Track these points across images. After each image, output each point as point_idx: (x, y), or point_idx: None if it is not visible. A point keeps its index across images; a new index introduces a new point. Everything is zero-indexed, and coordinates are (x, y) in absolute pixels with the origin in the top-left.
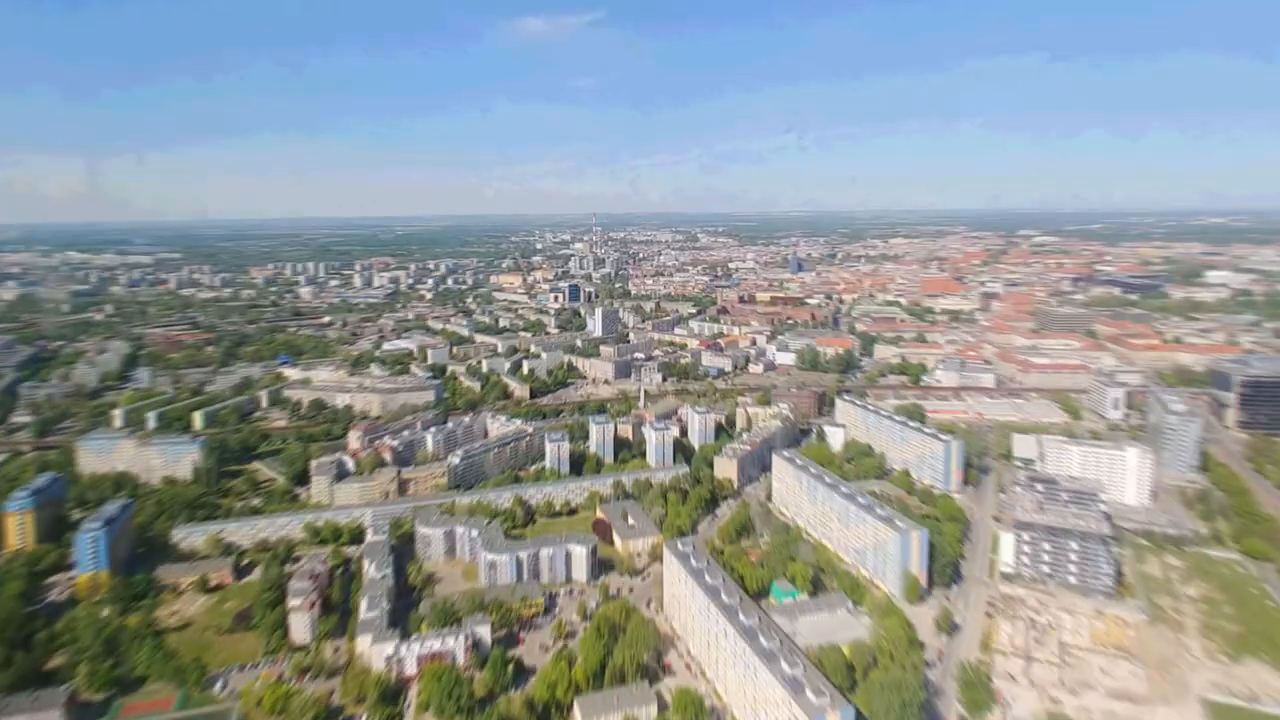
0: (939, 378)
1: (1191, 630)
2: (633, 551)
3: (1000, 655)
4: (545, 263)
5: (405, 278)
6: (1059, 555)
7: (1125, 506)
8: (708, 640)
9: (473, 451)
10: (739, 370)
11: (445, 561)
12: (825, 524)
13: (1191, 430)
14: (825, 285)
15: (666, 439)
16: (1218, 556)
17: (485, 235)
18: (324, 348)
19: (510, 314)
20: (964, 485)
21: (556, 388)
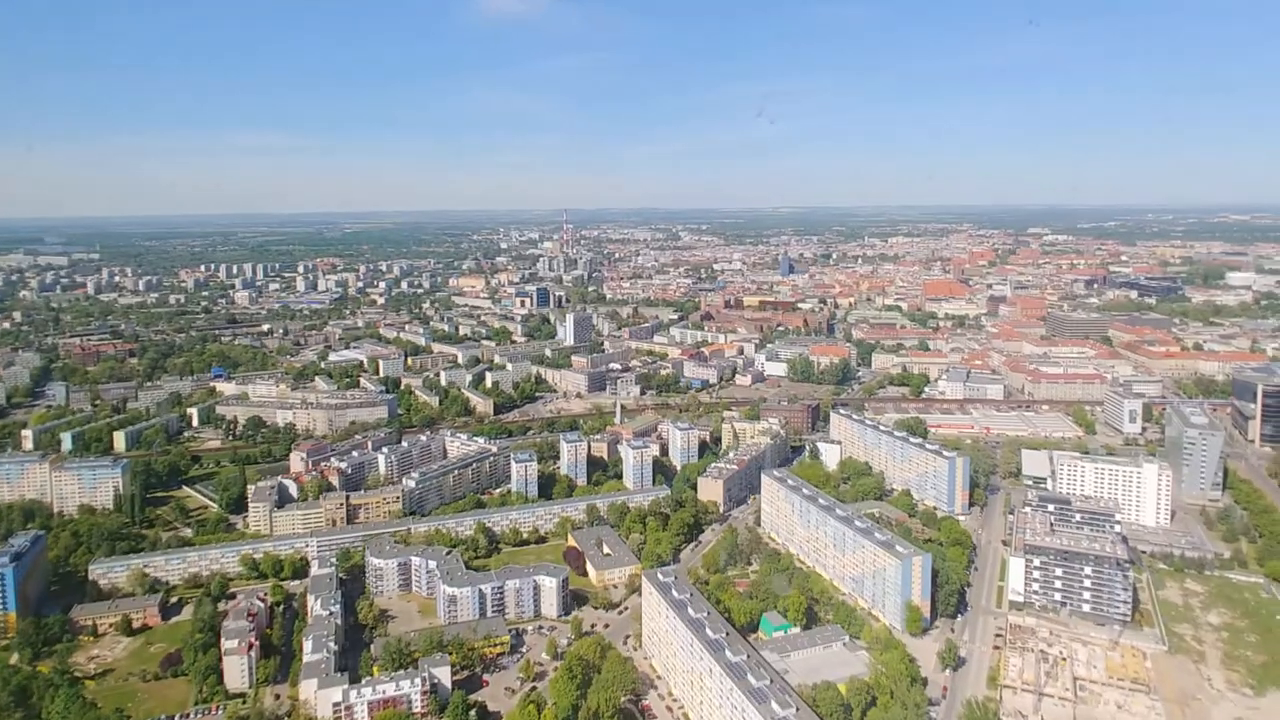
0: (943, 389)
1: (1213, 661)
2: (608, 583)
3: (1009, 691)
4: (511, 264)
5: (354, 280)
6: (1072, 582)
7: (1142, 528)
8: (691, 679)
9: (430, 474)
10: (725, 382)
11: (400, 596)
12: (819, 550)
13: (1213, 445)
14: (819, 288)
15: (645, 458)
16: (1241, 580)
17: (444, 233)
18: (263, 359)
19: (472, 321)
20: (970, 506)
21: (523, 402)
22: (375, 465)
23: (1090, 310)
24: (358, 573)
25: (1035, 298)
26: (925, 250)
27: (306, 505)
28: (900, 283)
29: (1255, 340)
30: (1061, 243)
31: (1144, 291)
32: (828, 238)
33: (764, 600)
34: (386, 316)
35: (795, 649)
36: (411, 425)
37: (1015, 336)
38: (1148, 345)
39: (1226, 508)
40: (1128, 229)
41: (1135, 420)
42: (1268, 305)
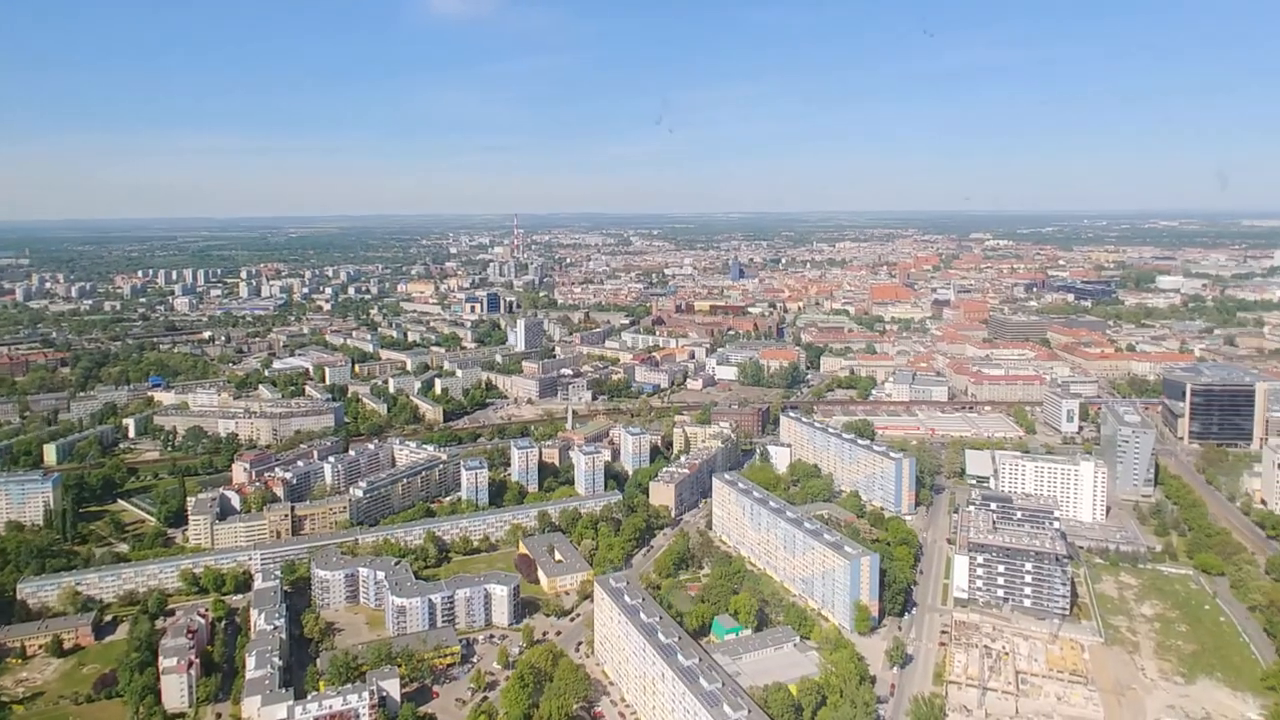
0: (889, 391)
1: (1147, 651)
2: (560, 590)
3: (955, 686)
4: (460, 269)
5: (299, 286)
6: (1013, 578)
7: (1080, 523)
8: (644, 685)
9: (378, 483)
10: (676, 386)
11: (347, 608)
12: (770, 552)
13: (1145, 443)
14: (769, 292)
15: (597, 464)
16: (1172, 573)
17: (391, 238)
18: (204, 367)
19: (421, 327)
20: (916, 506)
21: (474, 409)
22: (321, 475)
23: (1030, 313)
24: (303, 585)
25: (977, 301)
26: (872, 255)
27: (250, 517)
28: (848, 287)
29: (1183, 341)
30: (1002, 248)
31: (1080, 295)
32: (777, 243)
33: (716, 603)
34: (333, 323)
35: (747, 651)
36: (359, 434)
37: (959, 339)
38: (1084, 347)
39: (1158, 503)
40: (1064, 234)
41: (1073, 420)
42: (1194, 308)
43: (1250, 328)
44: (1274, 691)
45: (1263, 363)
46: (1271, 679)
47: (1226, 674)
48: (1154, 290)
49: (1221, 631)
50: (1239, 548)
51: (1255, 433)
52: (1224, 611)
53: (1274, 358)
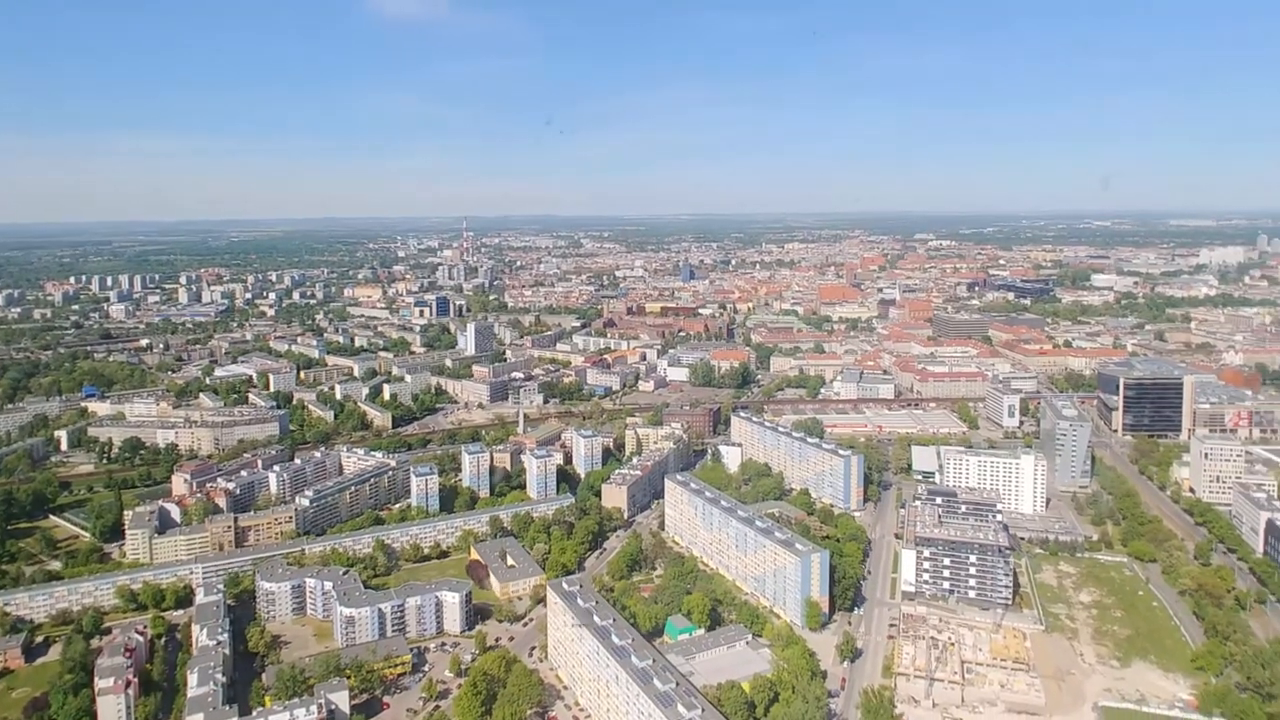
0: (838, 390)
1: (1085, 637)
2: (513, 595)
3: (903, 678)
4: (409, 273)
5: (242, 292)
6: (959, 570)
7: (1021, 515)
8: (598, 687)
9: (325, 491)
10: (628, 388)
11: (293, 620)
12: (722, 551)
13: (1082, 436)
14: (719, 294)
15: (549, 467)
16: (1108, 561)
17: (338, 242)
18: (141, 376)
19: (368, 332)
20: (864, 502)
21: (423, 414)
22: (266, 484)
23: (972, 312)
24: (248, 598)
25: (922, 300)
26: (820, 256)
27: (191, 530)
28: (797, 288)
29: (1117, 337)
30: (946, 248)
31: (1020, 293)
32: (727, 244)
33: (669, 604)
34: (277, 329)
35: (700, 650)
36: (305, 441)
37: (904, 338)
38: (1024, 344)
39: (1094, 493)
40: (1004, 234)
41: (1013, 415)
42: (1127, 305)
43: (1178, 323)
44: (1203, 672)
45: (1190, 357)
46: (1200, 660)
47: (1159, 657)
48: (1089, 288)
49: (1154, 616)
50: (1169, 535)
51: (1183, 424)
52: (1156, 597)
53: (1200, 352)
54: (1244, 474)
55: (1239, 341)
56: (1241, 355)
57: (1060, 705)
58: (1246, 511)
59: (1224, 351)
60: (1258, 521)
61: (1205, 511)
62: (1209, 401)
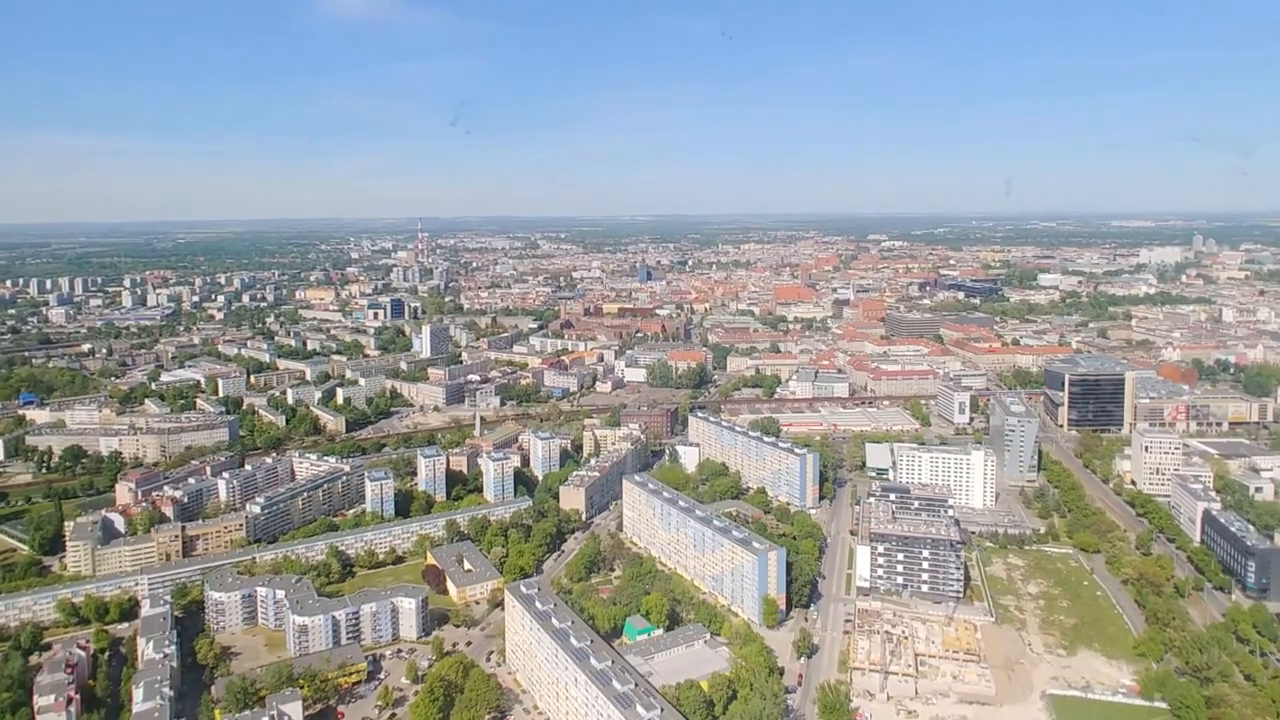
0: (793, 389)
1: (1033, 627)
2: (470, 599)
3: (858, 672)
4: (362, 274)
5: (189, 294)
6: (912, 565)
7: (972, 510)
8: (557, 690)
9: (276, 498)
10: (585, 389)
11: (244, 630)
12: (680, 551)
13: (1029, 431)
14: (676, 294)
15: (506, 470)
16: (1054, 552)
17: (289, 243)
18: (83, 382)
19: (321, 335)
20: (820, 500)
21: (378, 418)
22: (215, 492)
23: (924, 311)
24: (196, 609)
25: (875, 300)
26: (775, 256)
27: (136, 540)
28: (752, 288)
29: (1062, 335)
30: (898, 249)
31: (969, 293)
32: (684, 245)
33: (627, 605)
34: (226, 332)
35: (659, 651)
36: (256, 447)
37: (858, 337)
38: (973, 342)
39: (1041, 487)
40: (955, 235)
41: (964, 411)
42: (1071, 303)
43: (1120, 321)
44: (1144, 658)
45: (1131, 353)
46: (1141, 647)
47: (1103, 644)
48: (1036, 287)
49: (1098, 605)
50: (1113, 526)
51: (1125, 419)
52: (1100, 586)
53: (1140, 348)
54: (1181, 466)
55: (1176, 338)
56: (1179, 352)
57: (1010, 694)
58: (1184, 502)
59: (1163, 348)
60: (1195, 512)
61: (1146, 503)
62: (1148, 397)
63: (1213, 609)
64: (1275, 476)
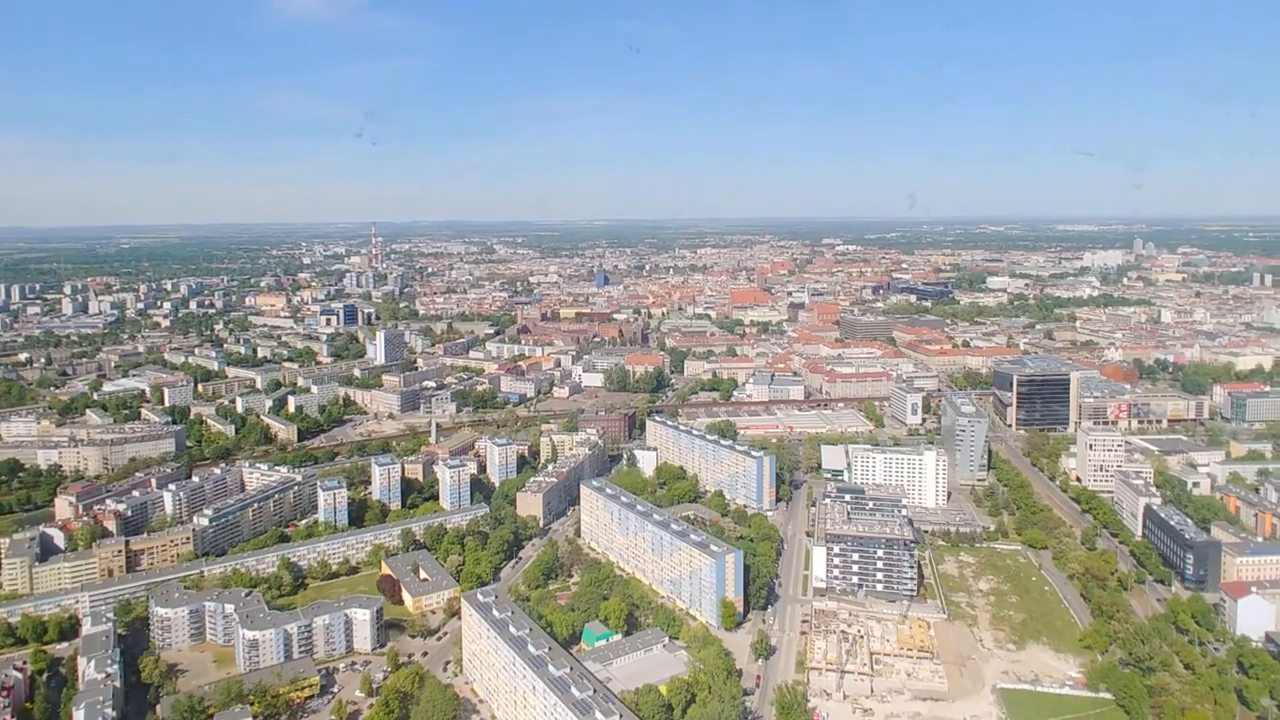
0: (750, 392)
1: (984, 623)
2: (426, 609)
3: (815, 672)
4: (315, 280)
5: (134, 301)
6: (867, 564)
7: (925, 509)
8: (515, 699)
9: (225, 509)
10: (543, 395)
11: (191, 647)
12: (638, 556)
13: (979, 431)
14: (633, 299)
15: (462, 477)
16: (1004, 549)
17: (239, 248)
18: (20, 393)
19: (272, 342)
20: (777, 502)
21: (331, 426)
22: (161, 505)
23: (877, 314)
24: (141, 626)
25: (830, 303)
26: (732, 260)
27: (76, 556)
28: (709, 292)
29: (1010, 336)
30: (852, 252)
31: (921, 295)
32: (641, 249)
33: (586, 611)
34: (172, 340)
35: (617, 656)
36: (204, 458)
37: (813, 340)
38: (925, 344)
39: (991, 486)
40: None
41: (916, 412)
42: (1019, 305)
43: (1065, 322)
44: (1090, 650)
45: (1076, 354)
46: (1087, 639)
47: (1051, 638)
48: (985, 290)
49: (1046, 600)
50: (1059, 522)
51: (1071, 418)
52: (1048, 581)
53: (1085, 349)
54: (1124, 463)
55: (1118, 339)
56: (1121, 352)
57: (962, 690)
58: (1127, 498)
59: (1106, 348)
60: (1136, 507)
61: (1090, 499)
62: (1092, 396)
63: (1154, 601)
64: (1211, 472)
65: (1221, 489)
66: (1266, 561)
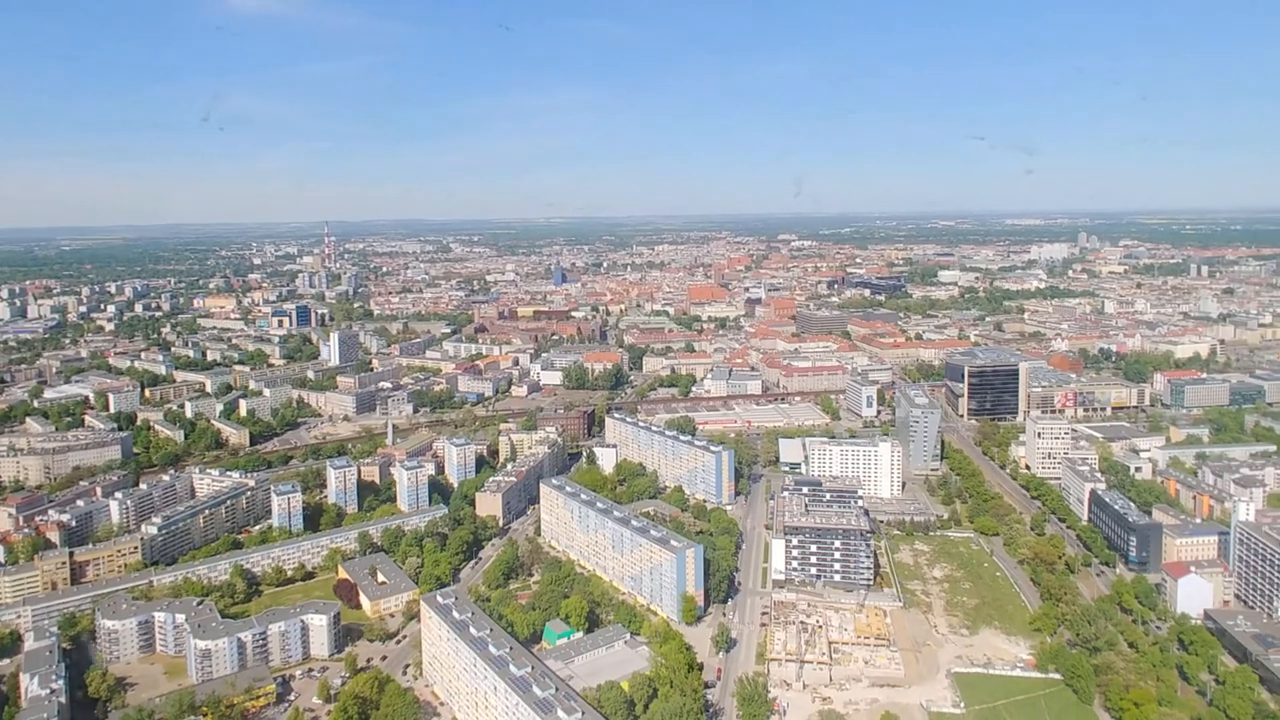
0: (708, 388)
1: (938, 610)
2: (385, 612)
3: (775, 663)
4: (266, 281)
5: (76, 305)
6: (824, 555)
7: (880, 499)
8: (476, 700)
9: (175, 517)
10: (501, 394)
11: (141, 659)
12: (599, 553)
13: (932, 422)
14: (591, 296)
15: (420, 478)
16: (957, 537)
17: (187, 249)
18: None
19: (222, 344)
20: (736, 496)
21: (284, 429)
22: (107, 514)
23: (832, 308)
24: (87, 640)
25: (786, 299)
26: (689, 257)
27: (17, 569)
28: (667, 288)
29: (961, 329)
30: (807, 248)
31: (875, 290)
32: (598, 247)
33: (547, 609)
34: (117, 344)
35: (579, 653)
36: (152, 465)
37: (770, 335)
38: (879, 337)
39: (944, 475)
40: (861, 234)
41: (872, 405)
42: (969, 298)
43: (1014, 314)
44: (1039, 633)
45: (1024, 345)
46: (1037, 622)
47: (1003, 622)
48: (937, 284)
49: (998, 585)
50: (1010, 509)
51: (1020, 407)
52: (999, 567)
53: (1032, 340)
54: (1071, 450)
55: (1065, 330)
56: (1067, 342)
57: (918, 675)
58: (1073, 484)
59: (1052, 339)
60: (1082, 492)
61: (1039, 486)
62: (1040, 386)
63: (1099, 583)
64: (1153, 456)
65: (1162, 473)
66: (1204, 542)
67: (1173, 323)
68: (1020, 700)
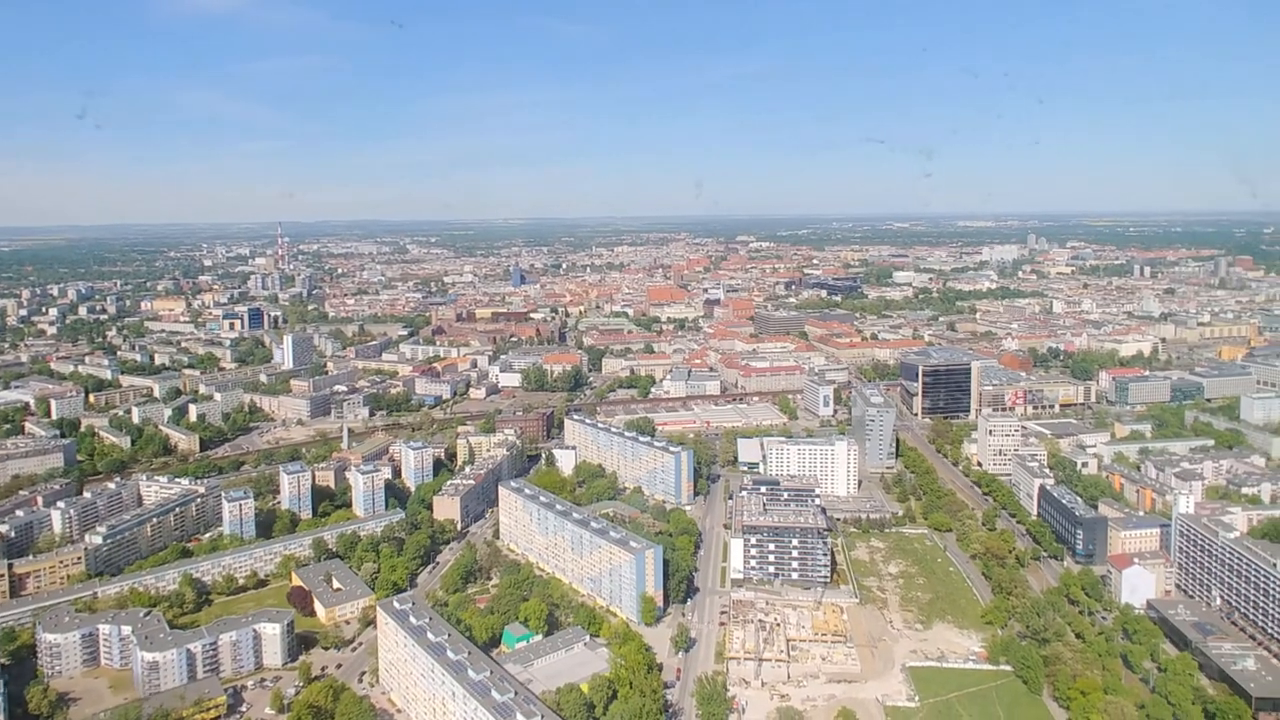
0: (668, 389)
1: (893, 605)
2: (340, 619)
3: (734, 662)
4: (217, 283)
5: (15, 308)
6: (782, 554)
7: (837, 498)
8: (434, 706)
9: (120, 526)
10: (459, 396)
11: (84, 673)
12: (558, 555)
13: (887, 421)
14: (550, 297)
15: (376, 482)
16: (911, 533)
17: (133, 250)
18: None
19: (171, 348)
20: (695, 496)
21: (236, 434)
22: (48, 523)
23: (790, 309)
24: (27, 654)
25: (744, 299)
26: (648, 258)
27: None
28: (626, 290)
29: (916, 329)
30: (765, 249)
31: (832, 290)
32: (557, 248)
33: (505, 613)
34: (60, 348)
35: (538, 657)
36: (96, 472)
37: (728, 335)
38: (836, 338)
39: (899, 473)
40: (818, 236)
41: (828, 404)
42: (923, 299)
43: (966, 314)
44: (991, 626)
45: (976, 344)
46: (988, 615)
47: (956, 616)
48: (892, 284)
49: (951, 580)
50: (962, 506)
51: (972, 405)
52: (952, 562)
53: (984, 339)
54: (1020, 447)
55: (1015, 329)
56: (1017, 341)
57: (874, 670)
58: (1023, 480)
59: (1004, 338)
60: (1032, 488)
61: (990, 482)
62: (991, 384)
63: (1048, 575)
64: (1099, 452)
65: (1108, 468)
66: (1146, 534)
67: (1117, 322)
68: (973, 692)
